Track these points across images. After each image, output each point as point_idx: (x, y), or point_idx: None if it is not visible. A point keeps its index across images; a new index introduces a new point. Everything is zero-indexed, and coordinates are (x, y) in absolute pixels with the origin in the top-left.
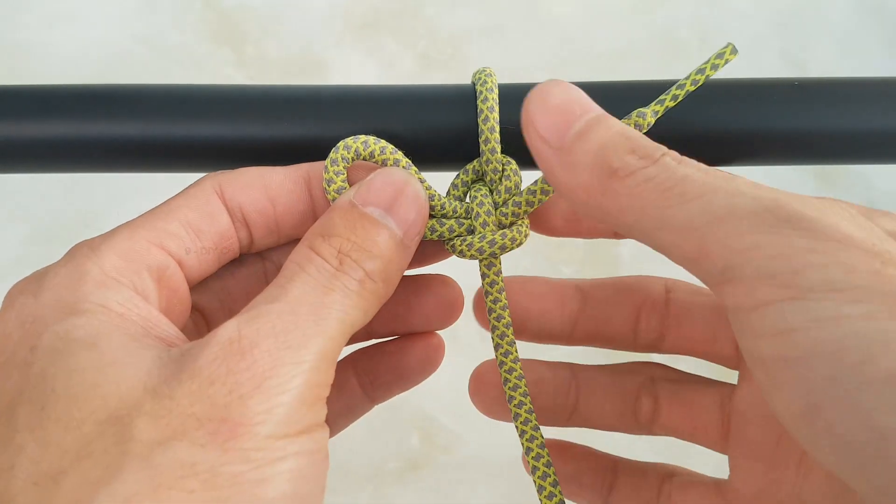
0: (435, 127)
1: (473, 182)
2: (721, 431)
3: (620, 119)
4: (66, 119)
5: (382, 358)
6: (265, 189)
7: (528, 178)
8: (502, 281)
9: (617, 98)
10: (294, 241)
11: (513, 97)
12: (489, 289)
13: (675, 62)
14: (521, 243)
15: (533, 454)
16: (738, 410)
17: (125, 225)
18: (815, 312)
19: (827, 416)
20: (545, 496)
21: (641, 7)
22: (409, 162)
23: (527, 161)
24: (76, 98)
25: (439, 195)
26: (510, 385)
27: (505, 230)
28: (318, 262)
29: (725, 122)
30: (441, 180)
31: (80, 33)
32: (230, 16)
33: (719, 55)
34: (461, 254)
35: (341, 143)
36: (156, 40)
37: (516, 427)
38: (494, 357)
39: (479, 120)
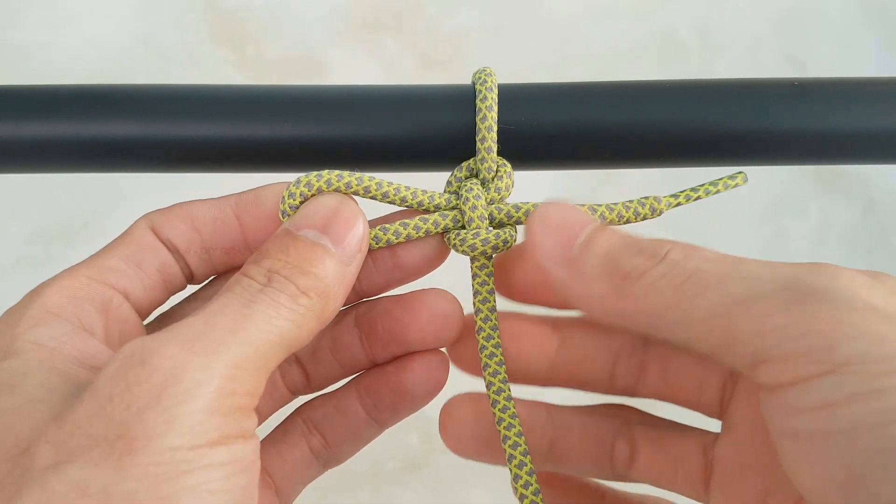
0: (434, 127)
1: (467, 178)
2: (702, 480)
3: (629, 203)
4: (66, 119)
5: (383, 379)
6: (191, 221)
7: (528, 178)
8: (493, 283)
9: (617, 98)
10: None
11: (512, 97)
12: (479, 288)
13: (675, 62)
14: (511, 246)
15: (521, 482)
16: (721, 460)
17: (68, 268)
18: (854, 386)
19: (871, 488)
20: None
21: (641, 7)
22: (360, 176)
23: (523, 161)
24: (76, 98)
25: (407, 187)
26: (494, 389)
27: (498, 231)
28: (245, 281)
29: (725, 122)
30: (441, 180)
31: (80, 33)
32: (230, 16)
33: (732, 177)
34: (454, 247)
35: (300, 178)
36: (156, 40)
37: (504, 450)
38: (483, 379)
39: (478, 119)
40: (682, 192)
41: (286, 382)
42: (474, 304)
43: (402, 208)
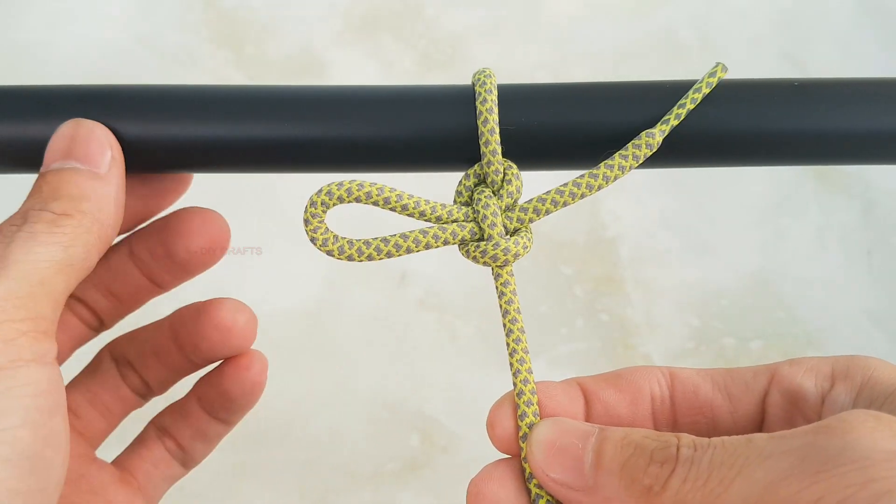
0: (435, 128)
1: (476, 185)
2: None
3: (634, 146)
4: (66, 119)
5: (211, 384)
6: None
7: (531, 178)
8: (515, 282)
9: (617, 98)
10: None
11: (513, 98)
12: (503, 289)
13: (675, 62)
14: (529, 249)
15: (535, 482)
16: None
17: None
18: None
19: None
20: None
21: (641, 7)
22: (381, 187)
23: (529, 161)
24: (76, 98)
25: (426, 200)
26: (524, 400)
27: (516, 237)
28: (4, 229)
29: (725, 122)
30: (441, 181)
31: (80, 33)
32: (230, 16)
33: (712, 73)
34: (475, 259)
35: (322, 187)
36: (156, 40)
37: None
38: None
39: (479, 122)
40: (669, 114)
41: (80, 319)
42: (500, 304)
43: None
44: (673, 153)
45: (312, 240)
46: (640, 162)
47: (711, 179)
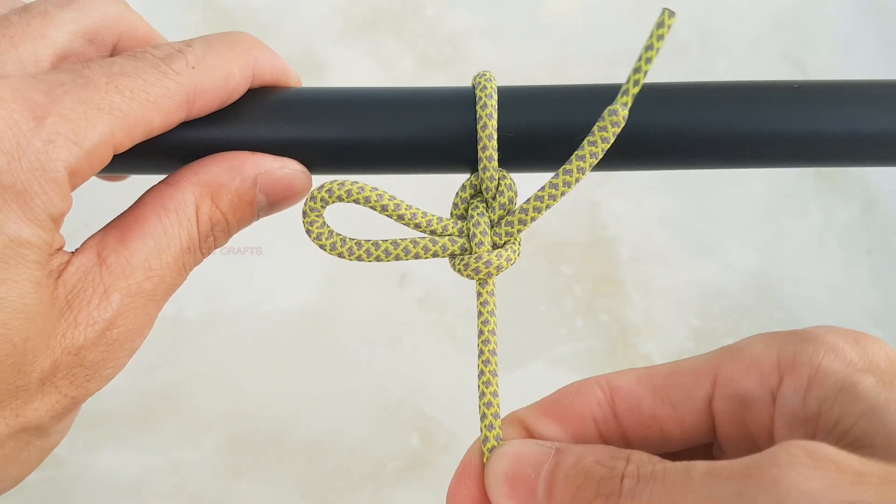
0: (434, 129)
1: (472, 197)
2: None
3: (599, 127)
4: None
5: None
6: None
7: (531, 179)
8: (494, 303)
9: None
10: None
11: (513, 101)
12: (481, 308)
13: (675, 62)
14: (514, 262)
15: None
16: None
17: None
18: None
19: None
20: None
21: (641, 7)
22: (381, 193)
23: (524, 164)
24: None
25: (423, 213)
26: (486, 423)
27: (500, 250)
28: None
29: (725, 123)
30: (442, 181)
31: None
32: (230, 16)
33: (660, 24)
34: (459, 272)
35: (323, 184)
36: None
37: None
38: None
39: (478, 127)
40: (626, 82)
41: None
42: (477, 324)
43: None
44: (672, 155)
45: (308, 231)
46: (611, 143)
47: (711, 179)
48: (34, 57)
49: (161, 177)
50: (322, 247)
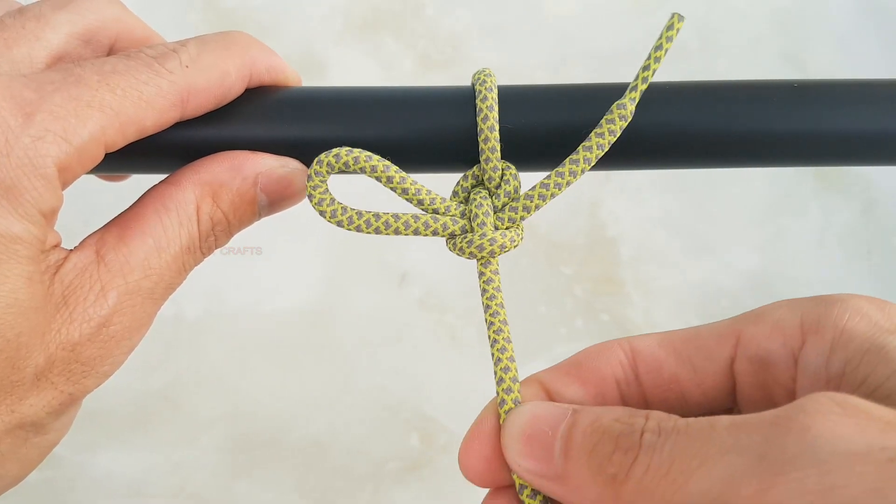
0: (434, 128)
1: (474, 187)
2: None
3: (607, 120)
4: None
5: None
6: None
7: (531, 179)
8: (499, 280)
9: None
10: None
11: (513, 98)
12: (486, 286)
13: (675, 62)
14: (517, 244)
15: (527, 492)
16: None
17: None
18: None
19: None
20: None
21: (641, 7)
22: (388, 164)
23: (524, 163)
24: None
25: (427, 190)
26: (504, 387)
27: (503, 230)
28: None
29: (725, 123)
30: (441, 181)
31: None
32: (230, 16)
33: (669, 27)
34: (461, 251)
35: (331, 150)
36: None
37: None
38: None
39: (479, 119)
40: (635, 79)
41: None
42: (482, 301)
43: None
44: (672, 155)
45: (310, 196)
46: (617, 136)
47: (711, 179)
48: (29, 59)
49: (162, 176)
50: (322, 213)
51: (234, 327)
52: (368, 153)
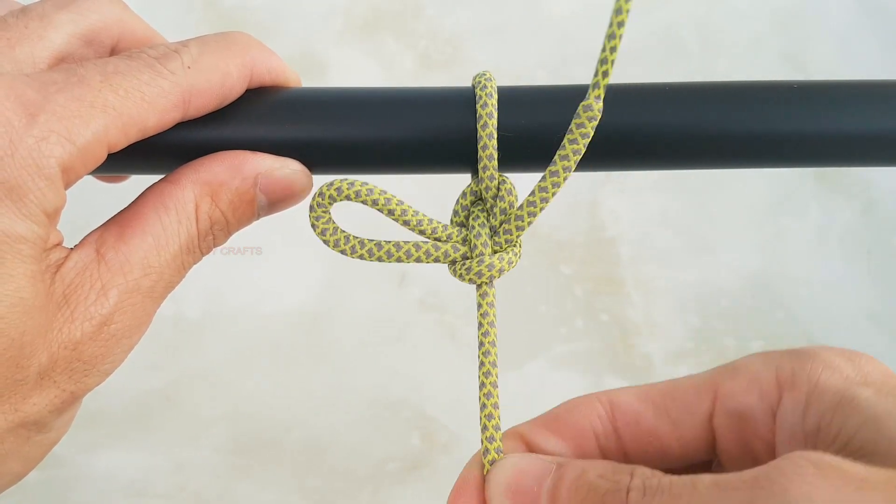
0: (434, 129)
1: (473, 204)
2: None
3: (576, 124)
4: None
5: None
6: None
7: (530, 179)
8: (494, 314)
9: (616, 99)
10: None
11: (513, 101)
12: (481, 320)
13: (675, 62)
14: (515, 265)
15: (489, 457)
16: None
17: None
18: None
19: None
20: None
21: (641, 7)
22: (389, 197)
23: (524, 164)
24: None
25: (429, 219)
26: (487, 435)
27: (501, 253)
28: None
29: (725, 123)
30: (441, 181)
31: None
32: (230, 16)
33: (618, 11)
34: (461, 277)
35: (333, 181)
36: None
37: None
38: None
39: (478, 126)
40: (595, 75)
41: None
42: (478, 335)
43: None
44: (672, 155)
45: (313, 226)
46: (590, 137)
47: (712, 179)
48: (32, 59)
49: (161, 176)
50: (326, 242)
51: (235, 327)
52: (370, 186)
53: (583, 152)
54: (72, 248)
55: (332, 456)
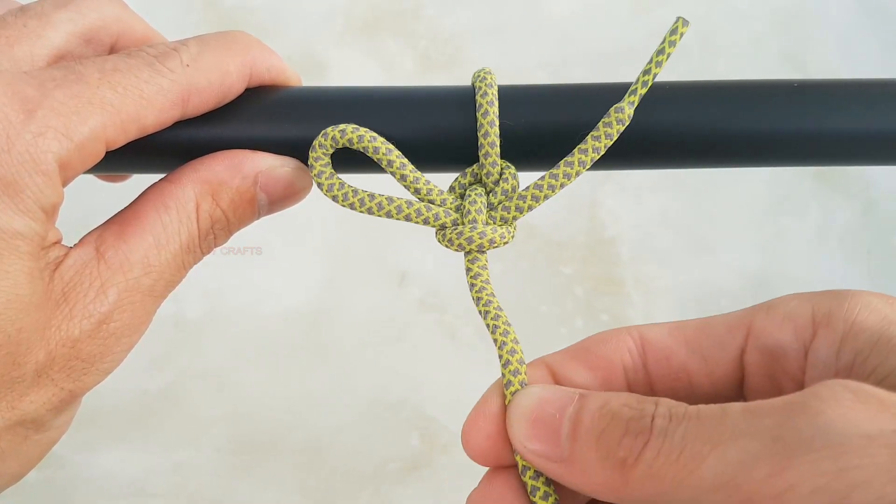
0: (435, 128)
1: (471, 184)
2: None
3: (604, 124)
4: None
5: None
6: None
7: (530, 179)
8: (488, 274)
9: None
10: None
11: (512, 98)
12: (473, 281)
13: (675, 62)
14: (508, 241)
15: (530, 473)
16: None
17: None
18: None
19: None
20: (539, 497)
21: (641, 7)
22: (391, 148)
23: (524, 163)
24: None
25: (426, 180)
26: (511, 369)
27: (495, 225)
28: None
29: (725, 123)
30: (441, 181)
31: None
32: (230, 16)
33: (673, 31)
34: (450, 242)
35: (337, 125)
36: None
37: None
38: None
39: (479, 114)
40: (636, 83)
41: None
42: (472, 295)
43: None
44: (672, 154)
45: (310, 166)
46: (614, 139)
47: (712, 179)
48: (30, 57)
49: (161, 175)
50: (320, 185)
51: (235, 327)
52: (374, 134)
53: (602, 152)
54: (71, 247)
55: (332, 456)
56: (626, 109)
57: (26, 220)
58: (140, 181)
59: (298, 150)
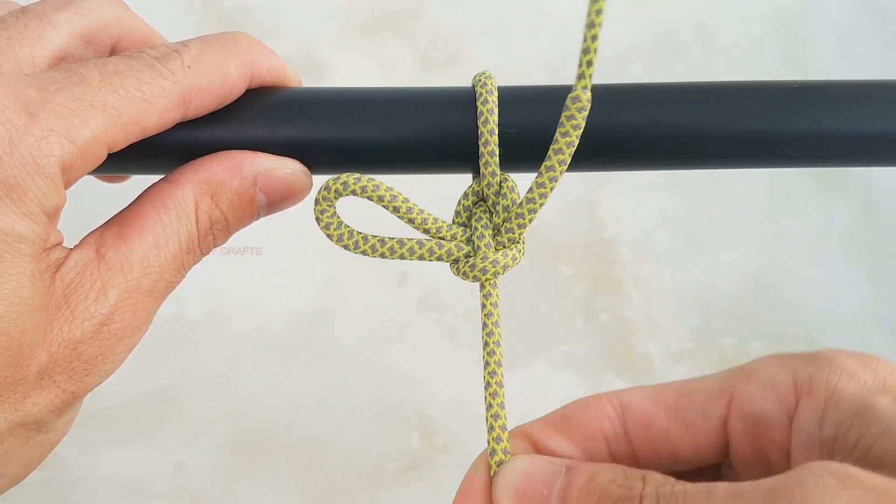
0: (435, 129)
1: (475, 205)
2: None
3: (566, 116)
4: None
5: None
6: None
7: (530, 179)
8: (498, 314)
9: (615, 99)
10: None
11: (513, 100)
12: (486, 320)
13: (675, 62)
14: (519, 261)
15: (496, 458)
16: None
17: None
18: None
19: None
20: None
21: (641, 7)
22: (395, 194)
23: (524, 164)
24: None
25: (433, 218)
26: (493, 436)
27: (505, 250)
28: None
29: (725, 123)
30: (442, 181)
31: None
32: (230, 16)
33: (594, 0)
34: (464, 275)
35: (339, 176)
36: None
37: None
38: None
39: (480, 122)
40: (580, 65)
41: None
42: (482, 336)
43: (420, 233)
44: (672, 156)
45: (317, 219)
46: (582, 128)
47: (712, 179)
48: (31, 58)
49: (161, 176)
50: (329, 237)
51: (235, 327)
52: (376, 182)
53: (576, 144)
54: (72, 248)
55: (332, 456)
56: (582, 95)
57: (29, 223)
58: (140, 182)
59: (298, 152)
